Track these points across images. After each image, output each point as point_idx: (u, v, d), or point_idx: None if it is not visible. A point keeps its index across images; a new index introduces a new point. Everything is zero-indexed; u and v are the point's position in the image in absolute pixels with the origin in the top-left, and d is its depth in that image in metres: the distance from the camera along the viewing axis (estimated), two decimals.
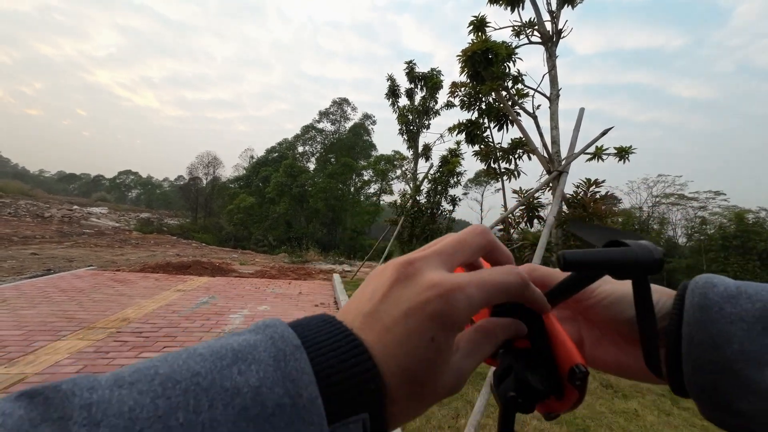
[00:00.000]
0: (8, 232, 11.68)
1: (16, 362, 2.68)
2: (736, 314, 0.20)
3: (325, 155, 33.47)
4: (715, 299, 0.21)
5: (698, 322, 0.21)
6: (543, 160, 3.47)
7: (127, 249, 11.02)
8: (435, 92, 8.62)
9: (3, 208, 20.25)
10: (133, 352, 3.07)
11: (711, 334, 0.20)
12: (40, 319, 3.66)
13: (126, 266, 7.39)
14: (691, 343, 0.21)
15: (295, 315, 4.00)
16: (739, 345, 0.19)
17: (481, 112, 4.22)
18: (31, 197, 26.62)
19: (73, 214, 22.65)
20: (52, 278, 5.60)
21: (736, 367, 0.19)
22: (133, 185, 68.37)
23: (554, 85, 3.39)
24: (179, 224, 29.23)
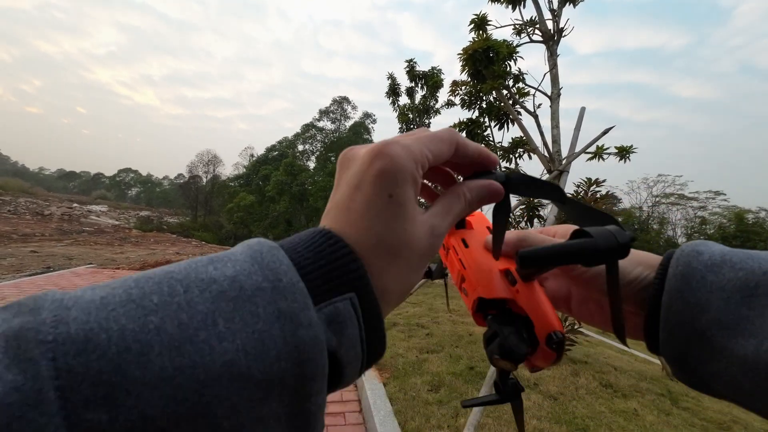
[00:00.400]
0: (8, 230, 11.69)
1: None
2: (716, 283, 0.20)
3: (325, 154, 33.45)
4: (699, 268, 0.21)
5: (678, 290, 0.21)
6: (544, 159, 3.46)
7: (126, 247, 11.01)
8: (435, 91, 8.61)
9: (2, 206, 20.26)
10: None
11: (689, 302, 0.21)
12: None
13: (126, 264, 7.39)
14: (669, 310, 0.22)
15: None
16: (715, 313, 0.20)
17: (481, 111, 4.20)
18: (30, 195, 26.61)
19: (73, 212, 22.65)
20: (52, 276, 5.61)
21: (708, 334, 0.20)
22: (133, 183, 68.39)
23: (555, 84, 3.38)
24: (179, 222, 29.24)
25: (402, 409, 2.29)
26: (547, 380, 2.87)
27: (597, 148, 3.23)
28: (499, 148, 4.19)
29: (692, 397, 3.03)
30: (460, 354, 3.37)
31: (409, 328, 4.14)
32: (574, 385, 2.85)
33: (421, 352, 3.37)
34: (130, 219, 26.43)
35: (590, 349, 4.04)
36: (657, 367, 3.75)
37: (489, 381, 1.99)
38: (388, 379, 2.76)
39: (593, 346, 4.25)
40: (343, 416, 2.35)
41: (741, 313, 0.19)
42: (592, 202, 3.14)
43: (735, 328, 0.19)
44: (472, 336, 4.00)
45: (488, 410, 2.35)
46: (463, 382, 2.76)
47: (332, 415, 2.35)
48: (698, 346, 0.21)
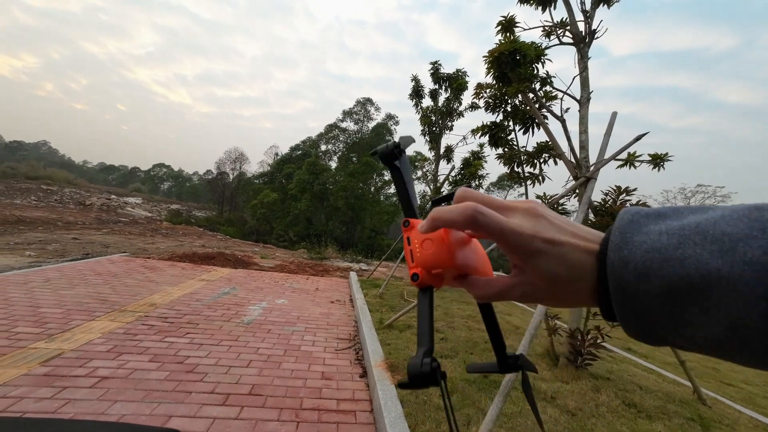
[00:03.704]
0: (54, 218, 12.60)
1: (54, 338, 2.89)
2: (648, 292, 0.23)
3: (347, 154, 33.81)
4: (630, 281, 0.24)
5: (618, 303, 0.25)
6: (570, 165, 3.34)
7: (157, 238, 11.60)
8: (459, 93, 8.51)
9: (50, 195, 21.88)
10: (159, 336, 3.23)
11: (633, 311, 0.24)
12: (77, 299, 3.93)
13: (156, 254, 7.78)
14: (618, 306, 0.25)
15: (311, 310, 4.07)
16: (655, 315, 0.23)
17: (506, 115, 4.11)
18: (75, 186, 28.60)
19: (111, 203, 24.11)
20: (90, 262, 5.99)
21: (654, 330, 0.24)
22: (166, 178, 71.90)
23: (585, 88, 3.26)
24: (206, 216, 30.45)
25: (413, 412, 2.28)
26: (565, 394, 2.77)
27: (629, 155, 3.08)
28: (523, 152, 4.08)
29: (726, 425, 2.82)
30: (475, 361, 3.31)
31: None
32: (594, 402, 2.72)
33: (434, 356, 3.33)
34: (161, 211, 27.84)
35: (613, 365, 3.85)
36: (687, 390, 3.52)
37: (503, 390, 1.94)
38: (400, 380, 2.75)
39: (617, 363, 4.05)
40: (354, 415, 2.37)
41: (675, 312, 0.23)
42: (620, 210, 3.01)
43: (673, 326, 0.23)
44: (487, 343, 3.91)
45: (501, 420, 2.29)
46: (476, 389, 2.71)
47: (343, 413, 2.37)
48: (650, 334, 0.25)
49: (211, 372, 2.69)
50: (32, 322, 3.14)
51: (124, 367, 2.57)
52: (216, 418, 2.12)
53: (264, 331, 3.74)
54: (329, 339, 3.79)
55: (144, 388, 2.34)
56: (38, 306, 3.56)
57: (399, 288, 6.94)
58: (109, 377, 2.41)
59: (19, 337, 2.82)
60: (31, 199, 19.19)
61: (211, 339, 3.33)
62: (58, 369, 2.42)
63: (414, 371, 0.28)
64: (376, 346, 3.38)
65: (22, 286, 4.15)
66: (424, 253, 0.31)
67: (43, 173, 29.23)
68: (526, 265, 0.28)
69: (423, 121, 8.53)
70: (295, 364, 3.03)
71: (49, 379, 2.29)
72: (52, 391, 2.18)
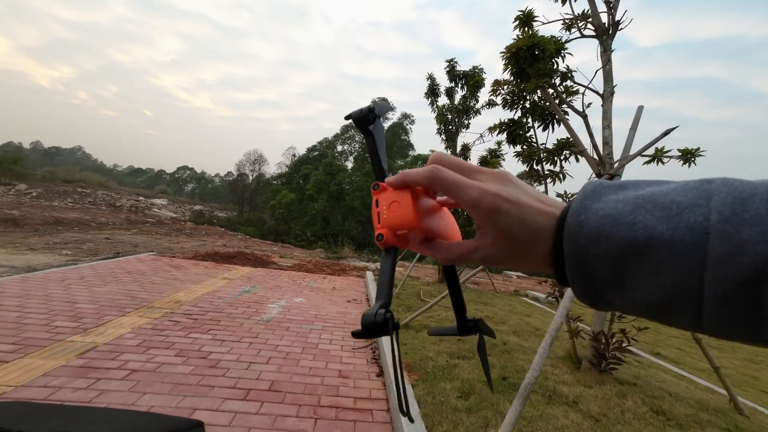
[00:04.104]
0: (88, 219, 13.35)
1: (89, 332, 3.07)
2: (598, 255, 0.24)
3: (363, 154, 34.00)
4: (582, 244, 0.25)
5: (571, 266, 0.26)
6: (592, 162, 3.22)
7: (181, 238, 12.07)
8: (476, 91, 8.37)
9: (85, 197, 23.19)
10: (184, 332, 3.37)
11: (583, 271, 0.25)
12: (109, 296, 4.15)
13: (180, 253, 8.10)
14: (570, 269, 0.26)
15: (328, 308, 4.12)
16: (602, 277, 0.25)
17: (524, 111, 4.02)
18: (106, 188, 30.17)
19: (139, 205, 25.28)
20: (120, 261, 6.31)
21: (601, 292, 0.26)
22: (189, 180, 74.65)
23: (608, 82, 3.14)
24: (227, 217, 31.40)
25: (429, 412, 2.27)
26: (588, 399, 2.68)
27: (656, 151, 2.94)
28: (542, 149, 3.97)
29: None
30: (493, 363, 3.25)
31: None
32: (620, 408, 2.62)
33: (452, 357, 3.30)
34: (185, 212, 28.95)
35: (640, 370, 3.68)
36: (722, 398, 3.32)
37: (522, 393, 1.90)
38: (417, 381, 2.74)
39: (644, 368, 3.87)
40: (371, 413, 2.38)
41: (620, 274, 0.24)
42: None
43: (618, 289, 0.24)
44: (506, 345, 3.84)
45: (520, 423, 2.25)
46: (495, 391, 2.66)
47: (360, 411, 2.39)
48: (597, 297, 0.26)
49: (233, 367, 2.77)
50: (69, 317, 3.34)
51: (152, 361, 2.69)
52: (237, 413, 2.19)
53: (283, 329, 3.82)
54: (346, 338, 3.83)
55: (170, 381, 2.45)
56: (75, 302, 3.79)
57: (415, 288, 6.92)
58: (139, 370, 2.54)
59: (57, 331, 3.01)
60: (68, 201, 20.41)
61: (232, 336, 3.44)
62: (92, 361, 2.57)
63: (368, 321, 0.28)
64: None
65: (60, 283, 4.42)
66: (391, 215, 0.32)
67: (78, 177, 31.06)
68: (488, 226, 0.29)
69: (439, 120, 8.45)
70: (312, 362, 3.08)
71: (85, 371, 2.43)
72: (88, 382, 2.31)
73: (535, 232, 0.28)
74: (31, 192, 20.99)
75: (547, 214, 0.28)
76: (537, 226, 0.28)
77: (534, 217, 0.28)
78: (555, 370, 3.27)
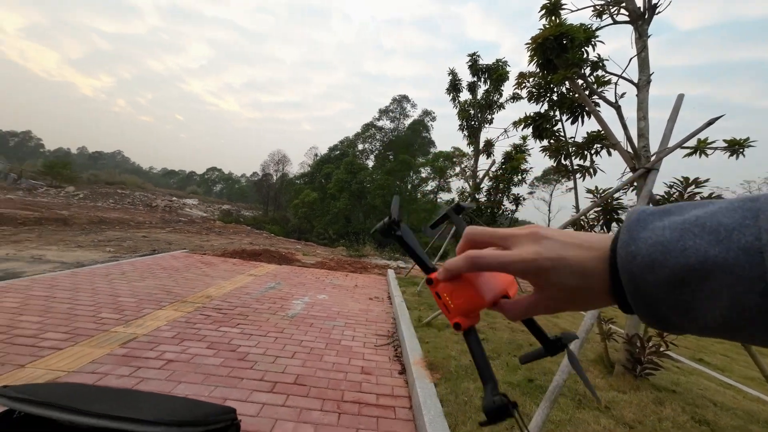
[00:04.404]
0: (127, 218, 14.26)
1: (130, 323, 3.29)
2: (655, 282, 0.25)
3: (383, 152, 34.06)
4: (638, 273, 0.25)
5: (631, 286, 0.26)
6: (626, 155, 3.05)
7: (211, 236, 12.62)
8: (500, 84, 8.14)
9: (125, 198, 24.77)
10: (214, 325, 3.53)
11: (644, 300, 0.26)
12: (147, 290, 4.42)
13: (210, 251, 8.47)
14: (631, 299, 0.26)
15: (350, 306, 4.16)
16: (665, 302, 0.25)
17: (551, 104, 3.86)
18: (143, 190, 32.09)
19: (173, 205, 26.69)
20: (156, 257, 6.69)
21: (667, 316, 0.26)
22: (218, 180, 77.87)
23: (644, 70, 2.95)
24: (253, 216, 32.50)
25: (453, 412, 2.25)
26: (621, 405, 2.55)
27: (699, 142, 2.74)
28: (571, 143, 3.80)
29: None
30: (518, 364, 3.17)
31: None
32: (657, 416, 2.47)
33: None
34: (214, 212, 30.25)
35: (680, 377, 3.46)
36: None
37: (550, 395, 1.84)
38: (439, 380, 2.72)
39: (685, 374, 3.63)
40: (393, 410, 2.39)
41: (681, 299, 0.24)
42: None
43: (682, 312, 0.25)
44: (532, 346, 3.72)
45: (548, 427, 2.18)
46: (520, 393, 2.60)
47: (382, 408, 2.40)
48: (663, 321, 0.26)
49: (260, 361, 2.88)
50: (113, 309, 3.59)
51: (186, 352, 2.84)
52: (265, 404, 2.27)
53: (307, 325, 3.91)
54: (368, 335, 3.86)
55: (203, 372, 2.58)
56: (117, 295, 4.07)
57: None
58: (174, 360, 2.69)
59: (103, 322, 3.24)
60: (110, 202, 21.91)
61: (259, 330, 3.56)
62: (133, 351, 2.75)
63: (490, 408, 0.30)
64: (415, 343, 3.38)
65: (105, 277, 4.76)
66: (456, 302, 0.35)
67: (118, 179, 33.25)
68: (540, 284, 0.30)
69: (461, 116, 8.30)
70: (336, 358, 3.13)
71: (127, 360, 2.61)
72: (130, 369, 2.48)
73: (588, 277, 0.29)
74: (78, 194, 22.71)
75: (593, 258, 0.29)
76: (587, 272, 0.28)
77: (581, 264, 0.29)
78: (585, 373, 3.13)
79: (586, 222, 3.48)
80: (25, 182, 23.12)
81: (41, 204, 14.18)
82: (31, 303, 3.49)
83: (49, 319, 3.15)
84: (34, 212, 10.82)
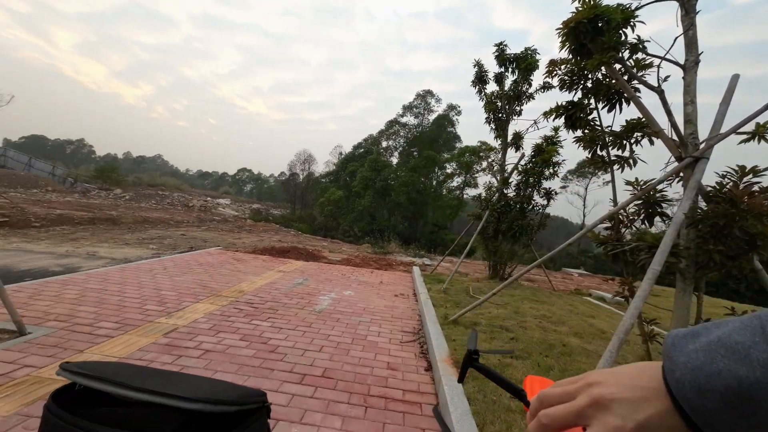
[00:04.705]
0: (167, 218, 15.23)
1: (171, 315, 3.51)
2: (711, 408, 0.25)
3: (408, 149, 33.85)
4: (692, 397, 0.26)
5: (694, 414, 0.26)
6: (671, 144, 2.82)
7: (242, 234, 13.19)
8: (529, 74, 7.79)
9: (165, 199, 26.45)
10: (246, 318, 3.69)
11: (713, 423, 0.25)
12: (186, 284, 4.70)
13: (242, 248, 8.86)
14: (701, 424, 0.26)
15: (376, 303, 4.19)
16: (721, 425, 0.25)
17: (585, 92, 3.64)
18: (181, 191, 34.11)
19: (207, 205, 28.17)
20: (194, 254, 7.10)
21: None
22: (248, 180, 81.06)
23: (691, 49, 2.70)
24: (281, 214, 33.56)
25: (480, 410, 2.20)
26: None
27: (757, 126, 2.48)
28: (608, 133, 3.57)
29: None
30: (551, 364, 3.05)
31: (492, 329, 3.92)
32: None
33: (504, 356, 3.16)
34: (245, 211, 31.57)
35: None
36: None
37: None
38: (467, 378, 2.67)
39: None
40: (419, 407, 2.39)
41: (742, 422, 0.24)
42: (744, 197, 2.43)
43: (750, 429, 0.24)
44: (566, 347, 3.57)
45: None
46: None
47: (408, 404, 2.41)
48: None
49: (290, 353, 2.97)
50: (156, 302, 3.86)
51: (221, 343, 3.00)
52: (294, 395, 2.34)
53: (333, 320, 3.99)
54: (394, 331, 3.87)
55: (237, 362, 2.70)
56: (160, 289, 4.36)
57: (464, 284, 6.74)
58: (211, 350, 2.84)
59: (148, 313, 3.50)
60: (152, 203, 23.51)
61: (288, 324, 3.68)
62: (175, 340, 2.94)
63: None
64: (441, 341, 3.35)
65: (148, 272, 5.12)
66: None
67: (159, 181, 35.57)
68: None
69: (487, 108, 8.04)
70: (362, 353, 3.17)
71: (170, 348, 2.79)
72: (172, 357, 2.65)
73: (655, 416, 0.29)
74: (124, 195, 24.57)
75: (653, 399, 0.29)
76: (646, 409, 0.29)
77: (639, 406, 0.29)
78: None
79: (625, 216, 3.26)
80: (80, 186, 25.36)
81: (94, 205, 15.50)
82: (88, 295, 3.82)
83: (103, 310, 3.44)
84: (88, 213, 11.84)
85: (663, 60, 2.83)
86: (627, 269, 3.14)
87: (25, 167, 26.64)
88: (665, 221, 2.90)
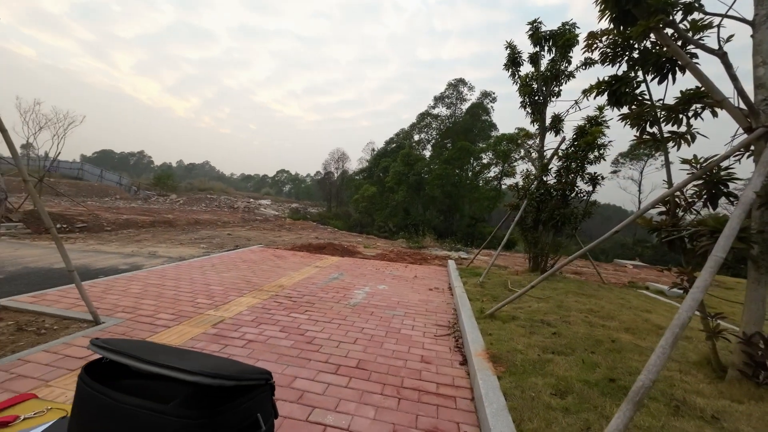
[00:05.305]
0: (215, 219, 16.44)
1: (219, 308, 3.80)
2: None
3: (441, 141, 33.15)
4: None
5: None
6: (737, 114, 2.47)
7: (282, 232, 13.85)
8: (567, 51, 7.22)
9: (213, 202, 28.53)
10: (286, 311, 3.88)
11: None
12: (231, 280, 5.05)
13: (282, 245, 9.31)
14: None
15: (410, 297, 4.20)
16: None
17: (631, 64, 3.30)
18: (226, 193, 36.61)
19: (250, 206, 29.92)
20: (239, 252, 7.60)
21: None
22: (286, 181, 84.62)
23: (762, 2, 2.33)
24: (318, 212, 34.67)
25: (517, 406, 2.12)
26: (736, 417, 2.11)
27: None
28: (660, 107, 3.20)
29: None
30: (598, 361, 2.84)
31: (531, 324, 3.74)
32: None
33: (545, 351, 3.01)
34: (284, 210, 33.09)
35: None
36: None
37: (633, 396, 1.62)
38: (503, 373, 2.59)
39: None
40: (454, 400, 2.36)
41: None
42: None
43: None
44: (615, 343, 3.30)
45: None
46: (599, 393, 2.33)
47: (443, 397, 2.38)
48: None
49: (325, 345, 3.08)
50: (206, 296, 4.20)
51: (263, 335, 3.19)
52: (330, 384, 2.43)
53: (367, 314, 4.06)
54: (428, 325, 3.85)
55: (276, 352, 2.86)
56: (209, 284, 4.73)
57: (502, 277, 6.50)
58: (253, 341, 3.04)
59: (199, 306, 3.81)
60: (202, 206, 25.50)
61: (324, 317, 3.81)
62: (222, 331, 3.18)
63: None
64: (477, 335, 3.26)
65: (199, 269, 5.58)
66: None
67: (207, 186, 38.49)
68: None
69: (522, 92, 7.60)
70: (395, 346, 3.20)
71: (217, 338, 3.03)
72: (219, 346, 2.87)
73: None
74: (179, 200, 26.92)
75: None
76: None
77: None
78: (685, 376, 2.67)
79: (683, 199, 2.92)
80: (142, 193, 28.25)
81: (153, 210, 17.18)
82: (149, 289, 4.26)
83: (161, 303, 3.81)
84: (149, 217, 13.15)
85: (724, 17, 2.47)
86: (686, 258, 2.83)
87: (98, 178, 30.28)
88: (733, 202, 2.55)
